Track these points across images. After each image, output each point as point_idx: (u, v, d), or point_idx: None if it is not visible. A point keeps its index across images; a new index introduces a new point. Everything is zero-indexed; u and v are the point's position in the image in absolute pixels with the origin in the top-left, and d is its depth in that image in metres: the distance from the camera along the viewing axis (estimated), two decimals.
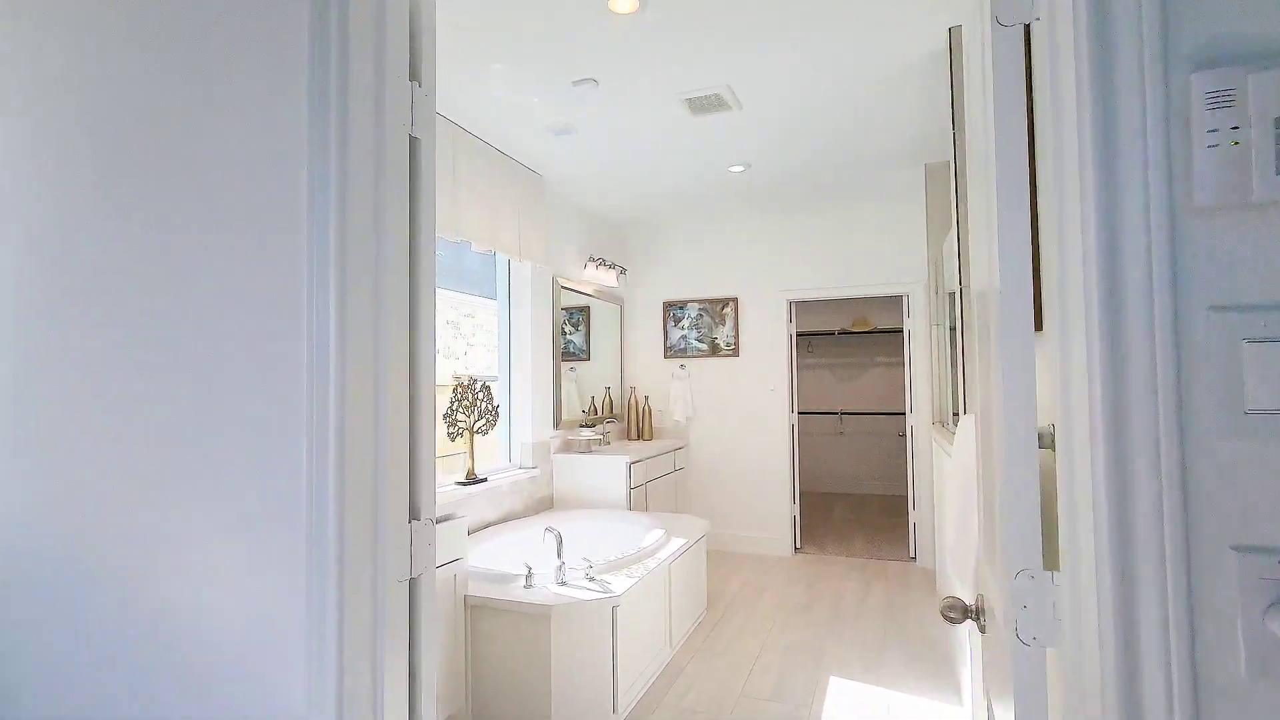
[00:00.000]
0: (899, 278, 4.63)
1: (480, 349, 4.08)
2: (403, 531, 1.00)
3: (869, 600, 3.78)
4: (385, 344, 0.97)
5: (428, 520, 1.05)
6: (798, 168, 3.88)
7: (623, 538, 3.41)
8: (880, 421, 7.41)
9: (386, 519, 0.97)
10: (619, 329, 5.23)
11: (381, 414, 0.96)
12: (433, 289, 1.08)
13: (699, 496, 5.08)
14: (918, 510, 4.53)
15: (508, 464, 3.87)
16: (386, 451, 0.97)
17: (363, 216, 0.94)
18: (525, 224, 3.67)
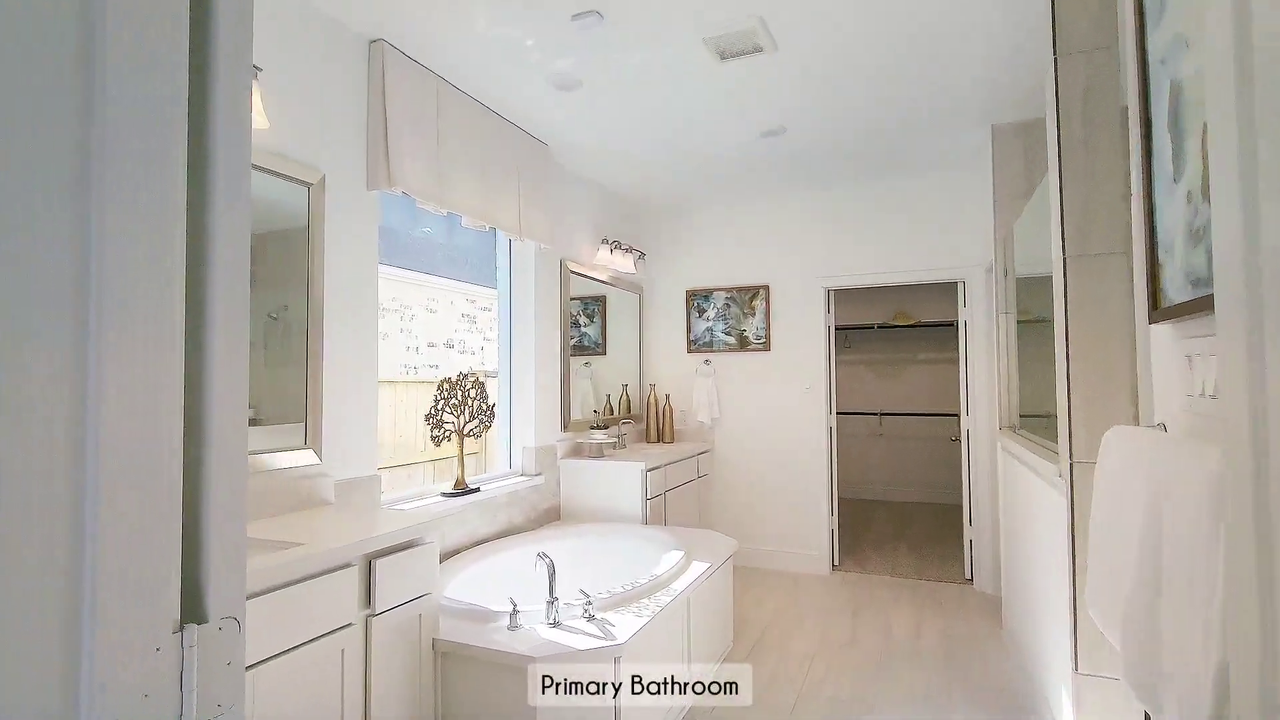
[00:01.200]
0: (954, 262, 4.07)
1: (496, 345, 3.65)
2: (164, 648, 0.54)
3: (924, 634, 3.25)
4: (118, 304, 0.51)
5: (226, 620, 0.59)
6: (840, 132, 3.36)
7: (634, 560, 2.94)
8: (923, 423, 6.82)
9: (116, 627, 0.51)
10: (638, 320, 4.76)
11: (103, 432, 0.50)
12: (247, 210, 0.61)
13: (724, 506, 4.58)
14: (976, 527, 3.97)
15: (508, 470, 3.42)
16: (123, 498, 0.51)
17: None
18: (528, 199, 3.22)
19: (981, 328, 3.95)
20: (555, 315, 3.68)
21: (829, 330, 4.44)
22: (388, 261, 6.16)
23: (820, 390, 4.38)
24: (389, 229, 2.86)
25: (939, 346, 6.76)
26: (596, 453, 3.71)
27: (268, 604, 1.44)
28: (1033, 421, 3.01)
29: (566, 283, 3.77)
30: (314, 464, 2.14)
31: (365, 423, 2.38)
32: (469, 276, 9.13)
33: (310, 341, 2.16)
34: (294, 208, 2.14)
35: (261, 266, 2.09)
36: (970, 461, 4.03)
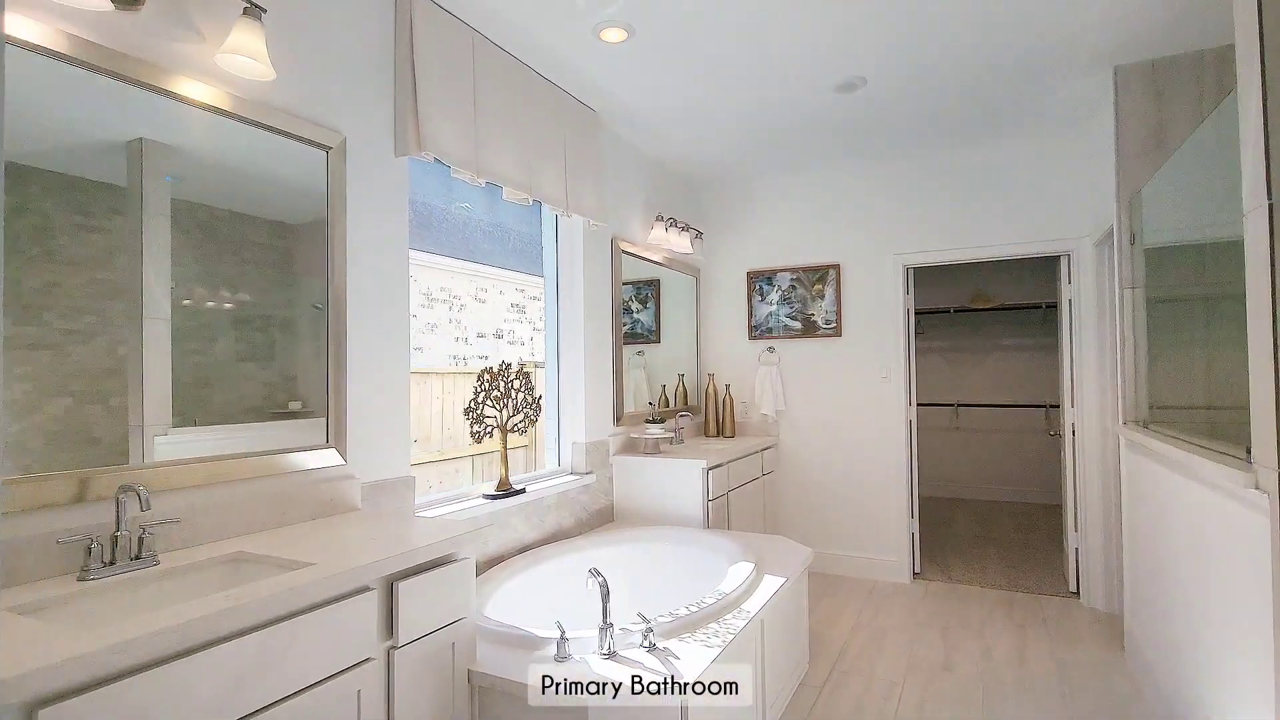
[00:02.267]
0: (1057, 233, 3.57)
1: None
2: None
3: (1030, 658, 2.83)
4: None
5: None
6: (927, 82, 2.92)
7: (697, 573, 2.62)
8: (1005, 416, 6.25)
9: None
10: (694, 305, 4.42)
11: None
12: None
13: (791, 507, 4.21)
14: (1084, 534, 3.49)
15: (556, 468, 3.15)
16: None
17: None
18: (575, 170, 2.91)
19: (1091, 307, 3.45)
20: (606, 299, 3.38)
21: (908, 313, 4.00)
22: (433, 249, 5.98)
23: (898, 379, 3.95)
24: (424, 205, 2.60)
25: (1024, 331, 6.17)
26: (652, 449, 3.40)
27: (263, 641, 1.18)
28: (1171, 415, 2.53)
29: (618, 264, 3.46)
30: (337, 465, 1.90)
31: (395, 420, 2.13)
32: (517, 264, 8.95)
33: (331, 329, 1.91)
34: (311, 178, 1.88)
35: (302, 253, 1.85)
36: (1077, 459, 3.54)
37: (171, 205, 1.55)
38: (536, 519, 2.77)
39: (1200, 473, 1.84)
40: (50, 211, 1.34)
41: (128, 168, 1.47)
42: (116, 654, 0.98)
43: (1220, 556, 1.74)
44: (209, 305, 1.64)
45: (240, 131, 1.69)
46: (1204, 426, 2.52)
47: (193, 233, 1.60)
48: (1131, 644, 2.74)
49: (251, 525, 1.66)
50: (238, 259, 1.70)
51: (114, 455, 1.43)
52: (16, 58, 1.28)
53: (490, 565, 2.47)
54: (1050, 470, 6.04)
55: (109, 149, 1.44)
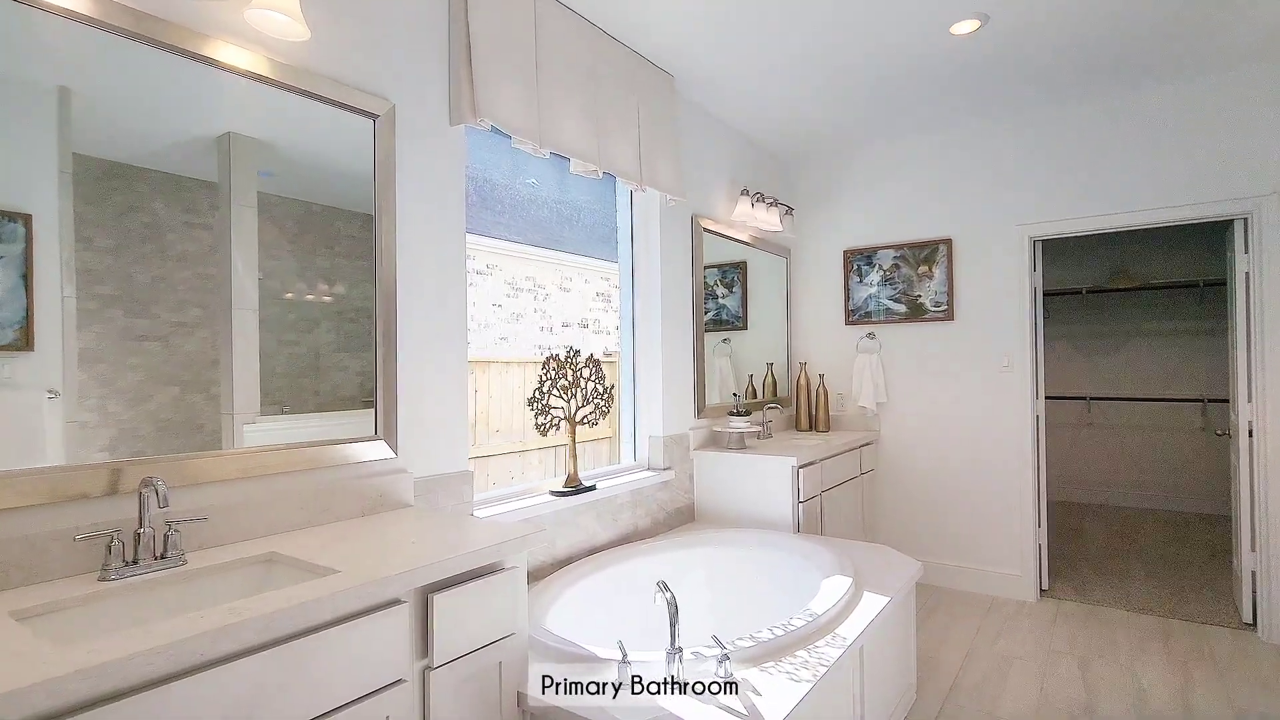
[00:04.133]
0: (1231, 191, 2.96)
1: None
2: None
3: (1196, 705, 2.34)
4: None
5: None
6: (1064, 17, 2.46)
7: (785, 585, 2.33)
8: (1152, 411, 5.47)
9: None
10: (784, 288, 4.07)
11: None
12: None
13: (893, 510, 3.80)
14: (1264, 554, 2.89)
15: (632, 463, 2.94)
16: None
17: None
18: (650, 141, 2.68)
19: (1277, 281, 2.84)
20: (686, 282, 3.12)
21: (1034, 293, 3.48)
22: (504, 234, 5.92)
23: (1023, 369, 3.45)
24: (485, 181, 2.45)
25: (1174, 313, 5.36)
26: (737, 444, 3.12)
27: (267, 664, 1.03)
28: None
29: (699, 243, 3.19)
30: (387, 458, 1.77)
31: (452, 412, 1.98)
32: (601, 252, 8.87)
33: (380, 313, 1.78)
34: (356, 150, 1.75)
35: (349, 236, 1.75)
36: (1256, 465, 2.94)
37: (265, 199, 1.59)
38: (609, 518, 2.57)
39: None
40: (159, 210, 1.41)
41: (218, 163, 1.50)
42: (89, 680, 0.85)
43: None
44: (308, 298, 1.67)
45: (290, 106, 1.60)
46: None
47: (288, 227, 1.63)
48: None
49: (291, 521, 1.55)
50: (330, 251, 1.71)
51: (214, 442, 1.48)
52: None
53: (558, 567, 2.30)
54: (1208, 475, 5.22)
55: (204, 146, 1.48)
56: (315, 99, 1.63)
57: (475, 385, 5.39)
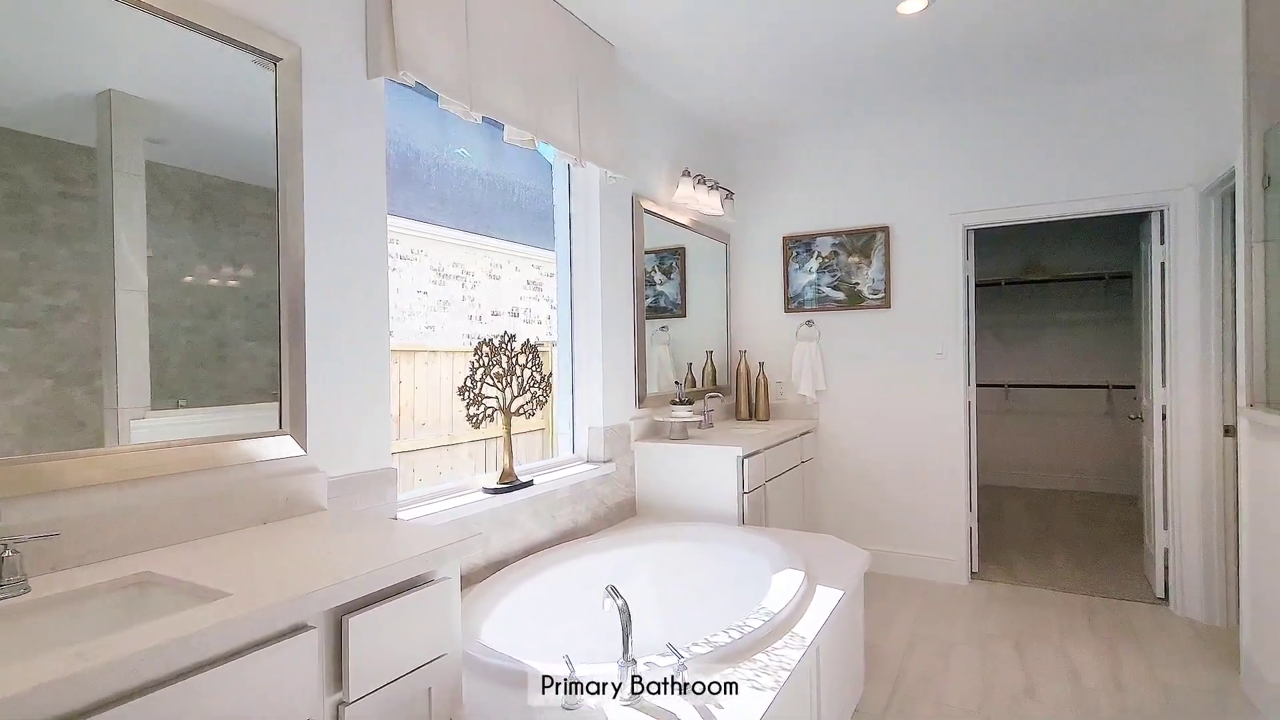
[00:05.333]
0: (1151, 184, 3.07)
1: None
2: None
3: (1127, 682, 2.40)
4: None
5: None
6: (1003, 5, 2.45)
7: (737, 582, 2.23)
8: (1065, 397, 5.75)
9: None
10: (724, 275, 3.99)
11: None
12: None
13: (831, 498, 3.80)
14: (1176, 532, 3.03)
15: (570, 456, 2.77)
16: None
17: None
18: (590, 112, 2.50)
19: (1192, 271, 2.97)
20: (627, 265, 2.97)
21: (968, 281, 3.53)
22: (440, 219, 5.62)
23: (956, 357, 3.50)
24: (412, 150, 2.21)
25: (1083, 304, 5.65)
26: (680, 434, 3.01)
27: (146, 713, 0.82)
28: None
29: (640, 224, 3.04)
30: (295, 455, 1.54)
31: (372, 403, 1.76)
32: (533, 239, 8.53)
33: (285, 294, 1.54)
34: (256, 108, 1.51)
35: (258, 214, 1.50)
36: (1170, 447, 3.07)
37: (156, 170, 1.36)
38: (548, 515, 2.40)
39: None
40: (29, 178, 1.19)
41: (97, 125, 1.27)
42: None
43: None
44: (211, 282, 1.46)
45: (178, 54, 1.37)
46: None
47: (185, 202, 1.41)
48: (1251, 668, 2.30)
49: (178, 533, 1.31)
50: (236, 231, 1.50)
51: (96, 441, 1.26)
52: None
53: (493, 570, 2.11)
54: (1113, 457, 5.54)
55: (80, 105, 1.25)
56: (200, 32, 1.37)
57: (399, 376, 5.07)
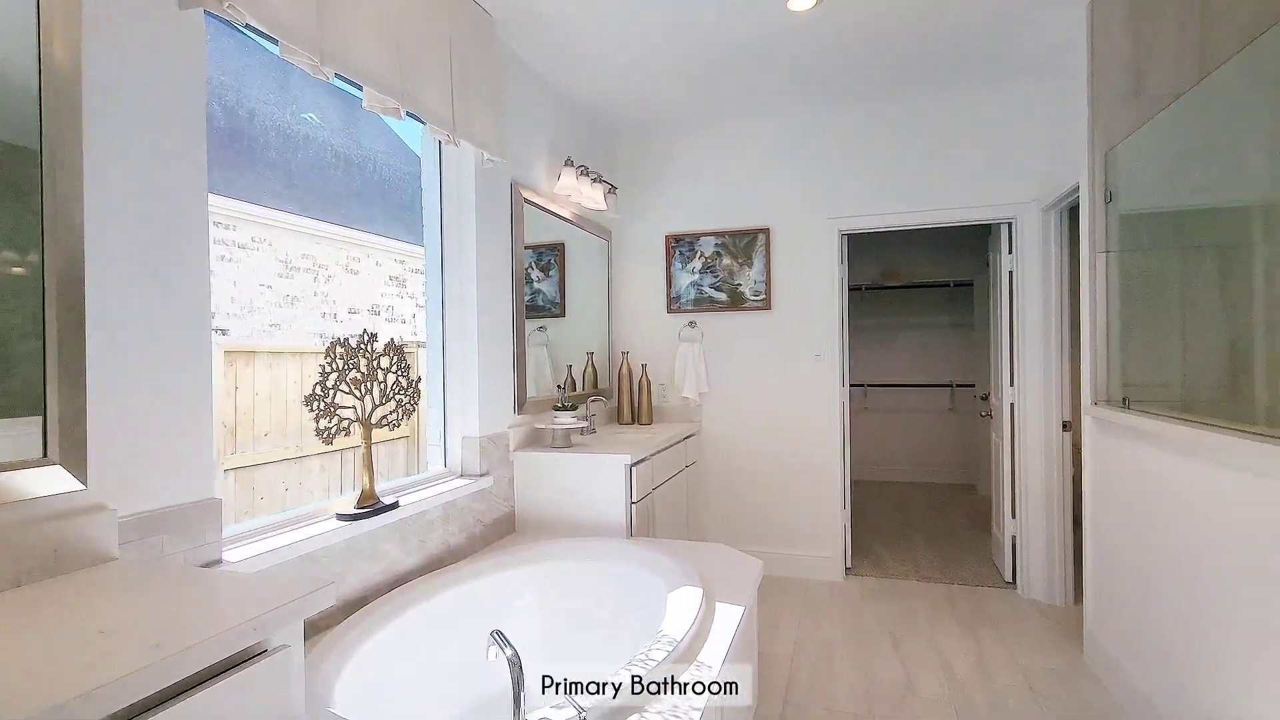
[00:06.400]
0: (1004, 196, 3.30)
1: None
2: None
3: (992, 669, 2.53)
4: None
5: None
6: (885, 11, 2.50)
7: (631, 604, 2.07)
8: (915, 395, 6.18)
9: None
10: (605, 273, 3.83)
11: None
12: None
13: (715, 502, 3.77)
14: (1023, 520, 3.28)
15: (441, 470, 2.48)
16: None
17: None
18: (465, 84, 2.23)
19: (1035, 279, 3.22)
20: (505, 258, 2.72)
21: (843, 284, 3.63)
22: (283, 205, 4.98)
23: (833, 358, 3.59)
24: (243, 110, 1.83)
25: (933, 309, 6.10)
26: (563, 441, 2.80)
27: None
28: (1150, 394, 2.27)
29: (520, 214, 2.80)
30: (70, 491, 1.17)
31: (188, 419, 1.40)
32: (397, 232, 7.89)
33: (55, 282, 1.16)
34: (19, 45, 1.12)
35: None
36: (1017, 443, 3.32)
37: None
38: (416, 540, 2.11)
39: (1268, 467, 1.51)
40: None
41: None
42: None
43: None
44: None
45: None
46: (1209, 407, 2.25)
47: None
48: (1094, 646, 2.50)
49: None
50: (20, 207, 1.12)
51: None
52: None
53: (350, 611, 1.80)
54: (957, 450, 6.03)
55: None
56: None
57: (236, 380, 4.42)
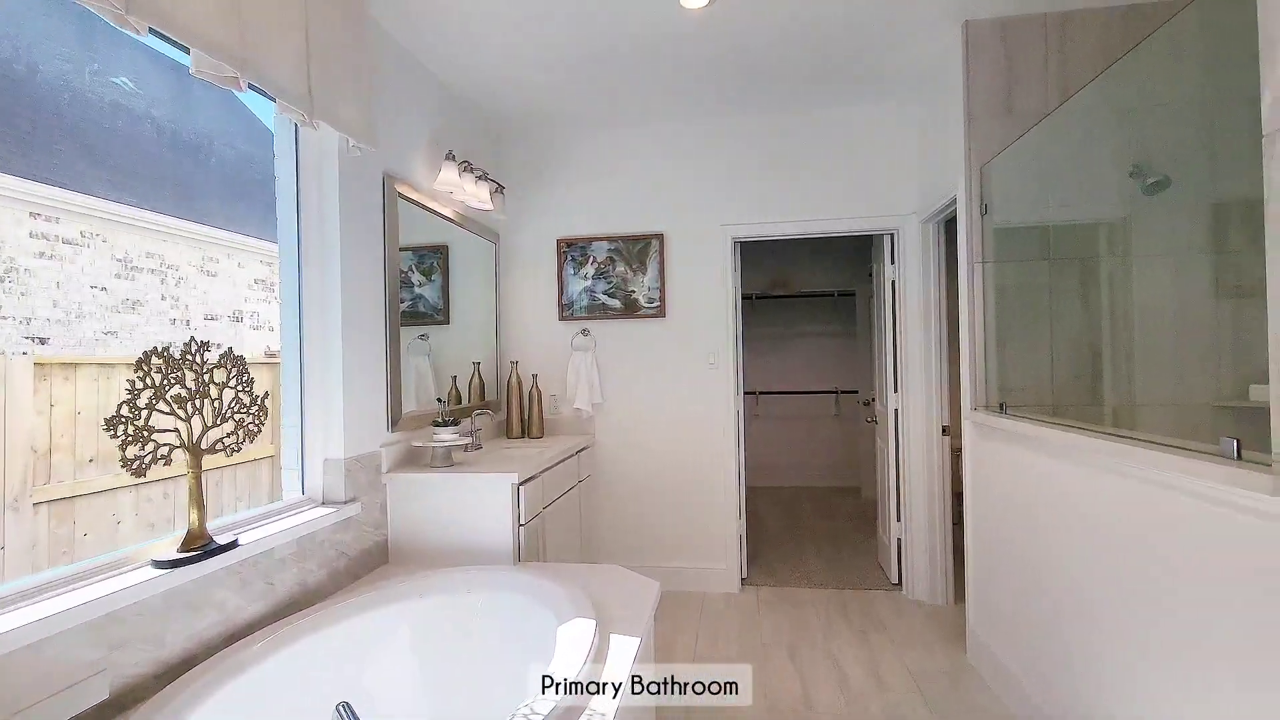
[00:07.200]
0: (888, 208, 3.40)
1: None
2: None
3: (885, 676, 2.54)
4: None
5: None
6: (773, 18, 2.49)
7: (515, 641, 1.87)
8: (804, 402, 6.36)
9: None
10: (493, 278, 3.60)
11: None
12: None
13: (610, 518, 3.62)
14: (908, 523, 3.38)
15: (299, 498, 2.17)
16: None
17: None
18: (325, 56, 1.96)
19: (916, 289, 3.34)
20: (377, 259, 2.45)
21: (736, 291, 3.61)
22: (119, 197, 4.39)
23: (727, 366, 3.56)
24: (25, 66, 1.48)
25: (820, 318, 6.31)
26: (444, 460, 2.55)
27: None
28: (1023, 399, 2.37)
29: (393, 211, 2.54)
30: None
31: None
32: (259, 229, 7.16)
33: None
34: None
35: None
36: (901, 448, 3.42)
37: None
38: (261, 583, 1.80)
39: (1162, 477, 1.56)
40: None
41: None
42: None
43: (1184, 580, 1.45)
44: None
45: None
46: (1076, 411, 2.36)
47: None
48: (976, 642, 2.58)
49: None
50: None
51: None
52: None
53: (171, 678, 1.48)
54: (841, 453, 6.25)
55: None
56: None
57: (51, 397, 3.77)
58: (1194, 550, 1.36)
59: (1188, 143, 2.15)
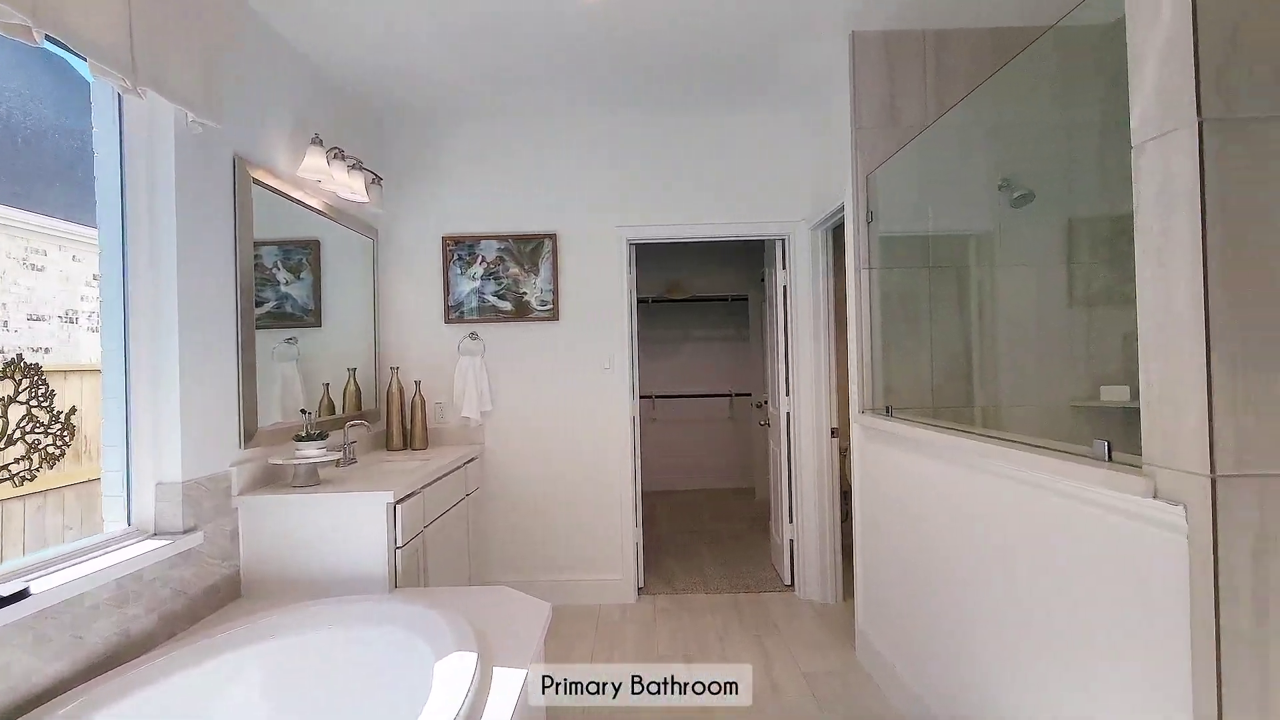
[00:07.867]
0: (779, 214, 3.45)
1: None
2: None
3: (780, 680, 2.54)
4: None
5: None
6: (674, 10, 2.43)
7: (386, 683, 1.68)
8: (697, 405, 6.40)
9: None
10: (371, 277, 3.32)
11: None
12: None
13: (501, 532, 3.43)
14: (800, 525, 3.43)
15: (124, 529, 1.85)
16: None
17: None
18: (152, 16, 1.68)
19: (806, 294, 3.40)
20: (226, 252, 2.15)
21: (632, 294, 3.54)
22: None
23: (622, 370, 3.47)
24: None
25: (713, 322, 6.38)
26: (309, 479, 2.29)
27: None
28: (906, 402, 2.44)
29: (247, 198, 2.24)
30: None
31: None
32: (75, 209, 6.38)
33: None
34: None
35: None
36: (794, 449, 3.47)
37: None
38: (67, 637, 1.50)
39: (1041, 480, 1.61)
40: None
41: None
42: None
43: (1077, 581, 1.49)
44: None
45: None
46: (952, 413, 2.45)
47: None
48: (864, 641, 2.64)
49: None
50: None
51: None
52: None
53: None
54: (735, 455, 6.35)
55: None
56: None
57: None
58: (1065, 548, 1.41)
59: (1049, 158, 2.29)
